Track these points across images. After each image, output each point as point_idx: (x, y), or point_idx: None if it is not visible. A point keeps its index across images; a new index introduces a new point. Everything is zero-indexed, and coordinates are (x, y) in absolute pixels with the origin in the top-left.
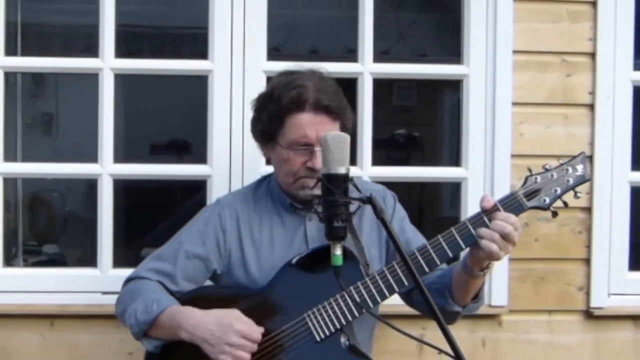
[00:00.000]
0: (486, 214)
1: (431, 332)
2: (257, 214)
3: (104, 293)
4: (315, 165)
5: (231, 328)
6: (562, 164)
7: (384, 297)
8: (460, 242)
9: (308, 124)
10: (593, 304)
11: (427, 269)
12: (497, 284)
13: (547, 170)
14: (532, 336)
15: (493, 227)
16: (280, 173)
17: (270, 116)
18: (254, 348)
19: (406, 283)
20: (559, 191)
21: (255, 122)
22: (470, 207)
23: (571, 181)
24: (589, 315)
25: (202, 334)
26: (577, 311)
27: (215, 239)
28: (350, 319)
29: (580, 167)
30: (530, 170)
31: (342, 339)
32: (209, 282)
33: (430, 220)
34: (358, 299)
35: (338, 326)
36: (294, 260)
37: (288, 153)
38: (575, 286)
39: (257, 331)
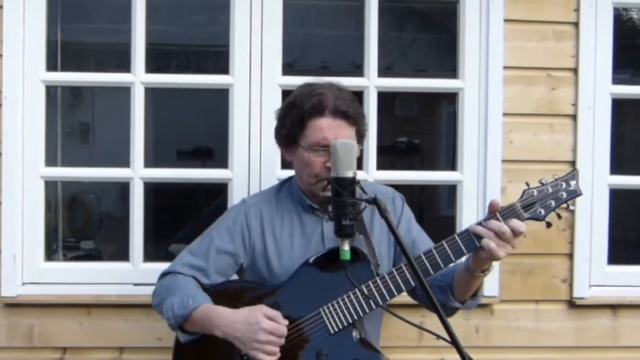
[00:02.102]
0: (485, 221)
1: (430, 319)
2: (278, 214)
3: (136, 284)
4: None
5: (258, 326)
6: (556, 179)
7: (392, 296)
8: (463, 247)
9: (327, 127)
10: (575, 294)
11: (432, 272)
12: (489, 276)
13: (543, 184)
14: (520, 323)
15: (490, 227)
16: (303, 175)
17: (293, 121)
18: (282, 342)
19: (412, 283)
20: (553, 204)
21: (279, 128)
22: (465, 207)
23: (565, 195)
24: (572, 304)
25: (234, 333)
26: (561, 301)
27: (242, 236)
28: (361, 314)
29: (573, 183)
30: (527, 184)
31: (354, 333)
32: (234, 276)
33: (430, 219)
34: (369, 296)
35: (350, 320)
36: (311, 260)
37: (309, 155)
38: (559, 278)
39: (282, 327)
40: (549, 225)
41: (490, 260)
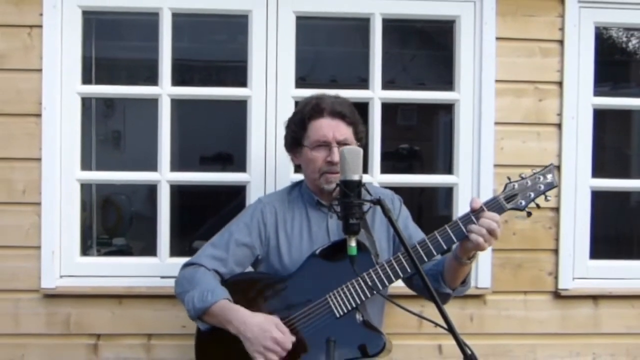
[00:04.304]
0: (474, 213)
1: (429, 309)
2: (290, 211)
3: (163, 277)
4: (333, 159)
5: (269, 334)
6: (534, 173)
7: (390, 281)
8: (453, 236)
9: (326, 126)
10: (560, 286)
11: (426, 259)
12: (483, 270)
13: (522, 178)
14: (510, 312)
15: (481, 224)
16: (308, 172)
17: (297, 123)
18: (283, 354)
19: (408, 270)
20: (532, 195)
21: (286, 135)
22: (460, 207)
23: (542, 187)
24: (557, 295)
25: (245, 333)
26: (547, 292)
27: (258, 230)
28: (363, 298)
29: (549, 176)
30: (509, 178)
31: (357, 316)
32: (249, 268)
33: (428, 218)
34: (370, 283)
35: (354, 305)
36: (317, 251)
37: (312, 153)
38: (545, 271)
39: (289, 341)
40: (529, 214)
41: (476, 250)
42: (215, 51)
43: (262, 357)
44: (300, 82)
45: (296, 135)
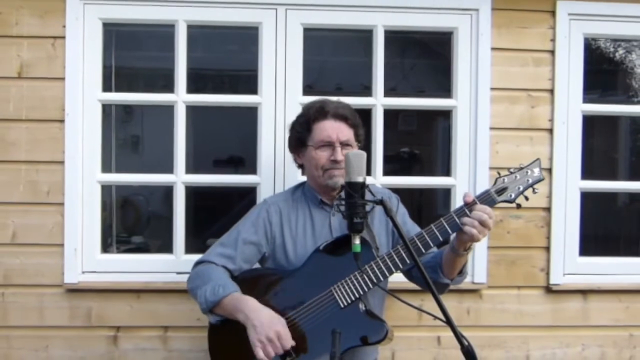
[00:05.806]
0: (467, 206)
1: (428, 303)
2: (294, 210)
3: (178, 273)
4: (336, 158)
5: (275, 327)
6: (522, 168)
7: (390, 273)
8: (448, 228)
9: (330, 127)
10: (552, 281)
11: (423, 250)
12: (479, 266)
13: (511, 172)
14: (505, 306)
15: (473, 216)
16: (312, 169)
17: (302, 125)
18: (281, 352)
19: (407, 261)
20: (521, 188)
21: (290, 136)
22: None
23: (530, 181)
24: (549, 290)
25: (254, 320)
26: (539, 287)
27: (264, 229)
28: (366, 289)
29: (536, 170)
30: (499, 173)
31: (361, 306)
32: (257, 264)
33: (427, 218)
34: (372, 274)
35: (357, 295)
36: (321, 247)
37: (316, 152)
38: (538, 268)
39: (290, 340)
40: (518, 206)
41: (471, 241)
42: (228, 61)
43: (261, 347)
44: (308, 89)
45: (300, 136)
